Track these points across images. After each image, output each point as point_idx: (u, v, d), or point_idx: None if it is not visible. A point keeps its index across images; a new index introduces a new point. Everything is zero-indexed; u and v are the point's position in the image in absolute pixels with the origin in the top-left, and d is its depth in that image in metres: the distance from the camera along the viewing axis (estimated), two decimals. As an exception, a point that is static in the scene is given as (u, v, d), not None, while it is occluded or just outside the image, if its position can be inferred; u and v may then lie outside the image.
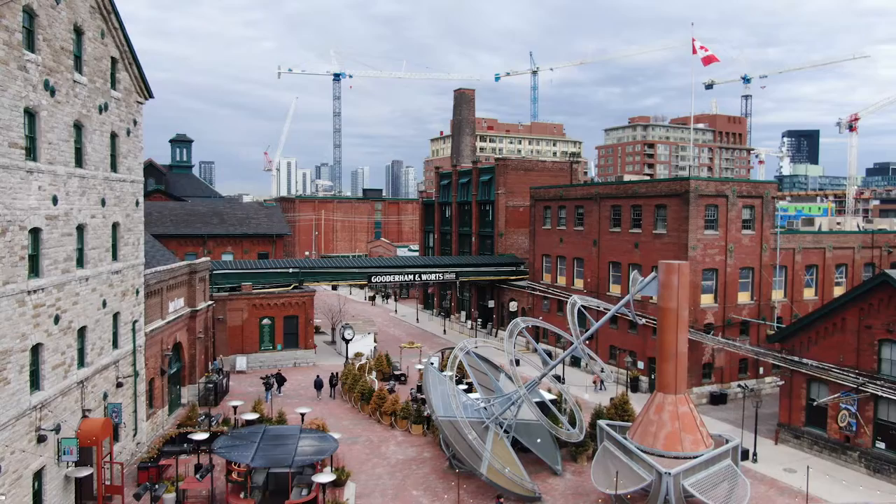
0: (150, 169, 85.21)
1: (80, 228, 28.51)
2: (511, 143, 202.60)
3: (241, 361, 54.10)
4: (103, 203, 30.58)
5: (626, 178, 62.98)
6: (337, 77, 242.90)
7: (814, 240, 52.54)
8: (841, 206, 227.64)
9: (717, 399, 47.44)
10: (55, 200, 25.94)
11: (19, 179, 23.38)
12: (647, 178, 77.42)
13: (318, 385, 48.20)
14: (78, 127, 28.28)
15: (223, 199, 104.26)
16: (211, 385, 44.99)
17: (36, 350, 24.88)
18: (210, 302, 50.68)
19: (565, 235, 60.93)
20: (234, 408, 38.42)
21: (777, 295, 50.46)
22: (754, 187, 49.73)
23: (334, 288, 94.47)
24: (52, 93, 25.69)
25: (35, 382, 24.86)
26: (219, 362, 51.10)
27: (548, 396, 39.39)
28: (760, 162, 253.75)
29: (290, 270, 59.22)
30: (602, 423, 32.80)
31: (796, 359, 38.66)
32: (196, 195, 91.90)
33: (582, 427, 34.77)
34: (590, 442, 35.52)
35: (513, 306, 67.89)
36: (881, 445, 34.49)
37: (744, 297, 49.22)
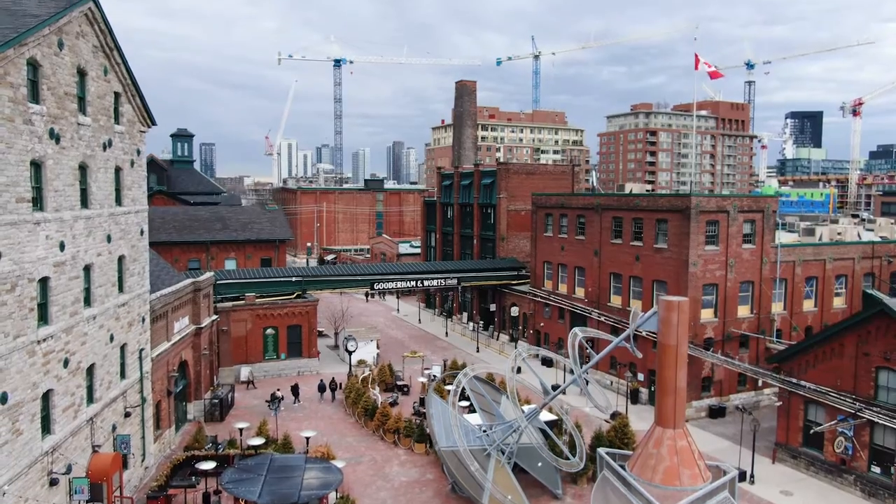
0: (151, 165, 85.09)
1: (87, 269, 28.70)
2: (513, 132, 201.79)
3: (244, 372, 54.69)
4: (109, 239, 30.80)
5: (628, 187, 62.99)
6: (337, 63, 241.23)
7: (814, 252, 52.67)
8: (843, 191, 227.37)
9: (716, 413, 48.01)
10: (62, 247, 26.15)
11: (27, 233, 23.59)
12: (648, 191, 77.44)
13: (321, 388, 52.07)
14: (83, 168, 28.32)
15: (225, 194, 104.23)
16: (216, 400, 45.62)
17: (46, 396, 25.28)
18: (215, 316, 51.11)
19: (566, 244, 61.12)
20: (241, 430, 39.05)
21: (776, 307, 50.77)
22: (755, 202, 49.85)
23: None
24: (58, 140, 25.76)
25: (46, 427, 25.28)
26: (248, 374, 54.37)
27: (546, 417, 39.95)
28: (763, 147, 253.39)
29: (293, 279, 59.68)
30: (602, 451, 33.11)
31: (794, 381, 39.15)
32: (198, 191, 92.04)
33: (582, 455, 35.32)
34: (590, 464, 36.06)
35: (514, 311, 68.35)
36: (876, 470, 35.08)
37: (743, 311, 49.55)
